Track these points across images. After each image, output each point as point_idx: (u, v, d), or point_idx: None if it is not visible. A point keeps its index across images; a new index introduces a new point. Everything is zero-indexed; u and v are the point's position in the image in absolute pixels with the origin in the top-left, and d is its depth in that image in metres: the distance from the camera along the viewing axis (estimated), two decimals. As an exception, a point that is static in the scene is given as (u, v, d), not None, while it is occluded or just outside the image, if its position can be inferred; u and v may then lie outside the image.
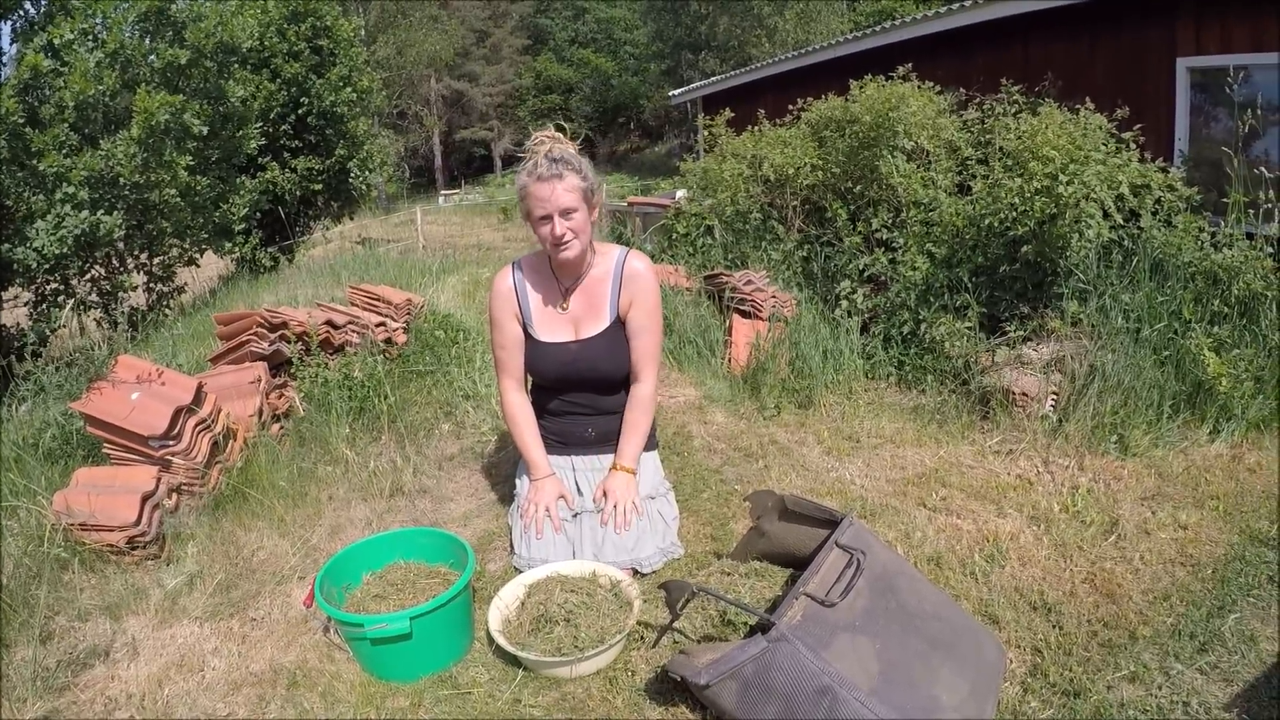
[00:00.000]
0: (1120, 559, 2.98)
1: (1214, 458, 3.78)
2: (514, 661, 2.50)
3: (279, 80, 14.39)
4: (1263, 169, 4.79)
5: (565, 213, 2.87)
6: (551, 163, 2.85)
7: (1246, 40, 5.70)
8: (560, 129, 3.03)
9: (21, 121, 8.54)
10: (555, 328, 3.09)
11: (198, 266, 11.83)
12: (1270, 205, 4.66)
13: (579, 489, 3.17)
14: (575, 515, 3.08)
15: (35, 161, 8.56)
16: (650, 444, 3.25)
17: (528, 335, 3.11)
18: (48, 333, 8.98)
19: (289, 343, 4.43)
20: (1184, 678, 2.34)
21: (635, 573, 2.93)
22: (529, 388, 3.29)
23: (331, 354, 4.62)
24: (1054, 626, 2.60)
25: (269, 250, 13.90)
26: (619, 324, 3.09)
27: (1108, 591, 2.77)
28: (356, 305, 5.38)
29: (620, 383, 3.17)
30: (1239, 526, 3.17)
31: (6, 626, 2.72)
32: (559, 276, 3.10)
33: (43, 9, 10.43)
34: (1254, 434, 3.97)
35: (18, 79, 8.79)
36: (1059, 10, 6.98)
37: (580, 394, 3.16)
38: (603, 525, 2.99)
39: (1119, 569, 2.91)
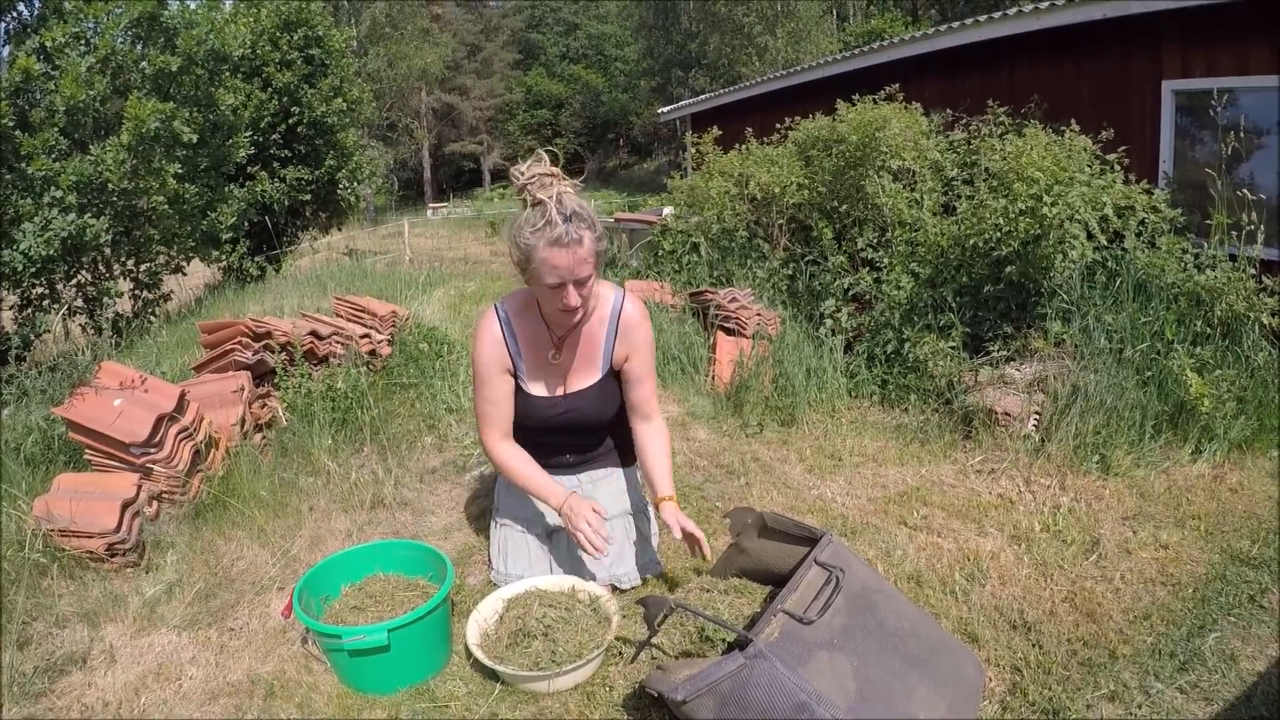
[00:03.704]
0: (1101, 578, 2.99)
1: (1195, 478, 3.81)
2: (492, 675, 2.49)
3: (270, 89, 14.37)
4: (1246, 191, 4.83)
5: (581, 281, 2.63)
6: (567, 223, 2.53)
7: (1232, 64, 5.74)
8: (552, 155, 2.67)
9: (11, 125, 8.53)
10: (545, 380, 2.92)
11: (184, 274, 11.79)
12: (1253, 227, 4.70)
13: None
14: (551, 533, 3.03)
15: (24, 165, 8.54)
16: (631, 460, 3.19)
17: (517, 387, 2.92)
18: (32, 337, 8.95)
19: (273, 352, 4.42)
20: (1164, 697, 2.35)
21: (615, 588, 2.92)
22: None
23: (315, 365, 4.61)
24: (1034, 645, 2.61)
25: (256, 260, 13.83)
26: (611, 374, 2.95)
27: (1088, 610, 2.78)
28: (341, 316, 5.38)
29: (604, 426, 3.07)
30: (1220, 546, 3.19)
31: (-18, 633, 2.70)
32: (550, 324, 2.87)
33: (36, 11, 10.42)
34: (1236, 454, 4.00)
35: (9, 82, 8.77)
36: (1045, 33, 7.02)
37: (561, 436, 3.04)
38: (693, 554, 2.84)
39: (1099, 588, 2.92)
